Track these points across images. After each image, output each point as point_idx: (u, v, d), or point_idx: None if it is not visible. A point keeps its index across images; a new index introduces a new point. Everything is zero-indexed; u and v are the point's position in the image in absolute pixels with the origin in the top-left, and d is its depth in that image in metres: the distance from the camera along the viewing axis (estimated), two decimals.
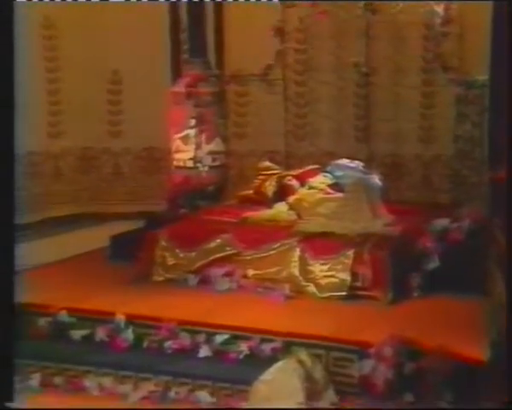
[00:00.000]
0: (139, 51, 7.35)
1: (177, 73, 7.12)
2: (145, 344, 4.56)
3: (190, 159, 6.61)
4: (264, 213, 5.89)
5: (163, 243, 5.53)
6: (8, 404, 3.39)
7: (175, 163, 6.73)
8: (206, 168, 6.62)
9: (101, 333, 4.62)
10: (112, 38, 7.41)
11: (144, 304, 4.86)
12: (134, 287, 5.22)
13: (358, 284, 5.02)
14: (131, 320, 4.61)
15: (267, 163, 6.54)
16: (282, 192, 6.14)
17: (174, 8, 7.26)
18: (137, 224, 6.31)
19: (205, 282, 5.31)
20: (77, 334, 4.68)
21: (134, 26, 7.34)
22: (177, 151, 6.68)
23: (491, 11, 5.51)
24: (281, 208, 5.96)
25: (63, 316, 4.71)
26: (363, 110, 7.08)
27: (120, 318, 4.61)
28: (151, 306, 4.83)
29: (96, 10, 7.32)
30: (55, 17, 7.35)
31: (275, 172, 6.35)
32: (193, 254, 5.46)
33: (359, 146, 7.07)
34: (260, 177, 6.34)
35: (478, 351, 3.88)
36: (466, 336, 4.12)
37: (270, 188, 6.18)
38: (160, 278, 5.44)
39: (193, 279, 5.35)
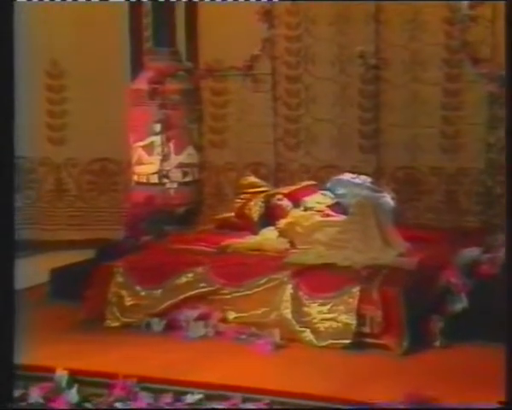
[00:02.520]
0: (88, 37, 7.34)
1: (137, 67, 7.14)
2: (93, 407, 4.50)
3: (155, 173, 6.63)
4: (249, 240, 5.90)
5: (119, 279, 5.52)
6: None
7: (135, 178, 6.75)
8: (174, 185, 6.65)
9: (36, 394, 4.54)
10: (49, 19, 7.37)
11: (94, 356, 4.81)
12: (80, 334, 5.19)
13: (366, 329, 5.01)
14: (76, 377, 4.57)
15: (252, 178, 6.57)
16: (271, 215, 6.16)
17: None
18: (86, 254, 6.29)
19: (173, 327, 5.29)
20: None
21: (80, 5, 7.33)
22: (139, 163, 6.71)
23: None
24: (269, 235, 5.98)
25: None
26: (372, 112, 7.12)
27: (62, 374, 4.57)
28: (103, 358, 4.79)
29: None
30: None
31: (261, 189, 6.38)
32: (158, 292, 5.45)
33: (366, 157, 7.10)
34: (243, 195, 6.37)
35: None
36: (499, 395, 4.10)
37: (255, 209, 6.20)
38: (115, 323, 5.43)
39: (158, 324, 5.34)
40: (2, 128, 3.58)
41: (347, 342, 4.97)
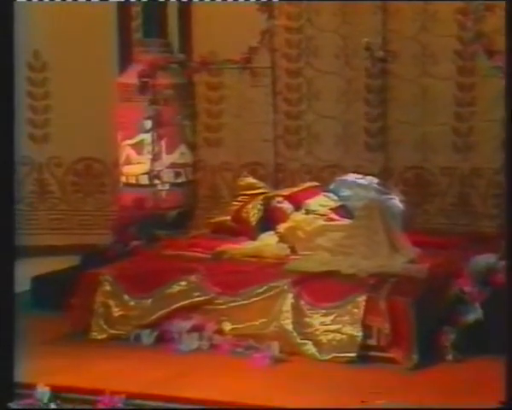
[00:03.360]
0: (72, 26, 7.31)
1: (126, 59, 7.13)
2: None
3: (145, 173, 6.63)
4: (246, 246, 5.90)
5: (106, 287, 5.52)
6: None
7: (124, 179, 6.75)
8: (166, 186, 6.64)
9: None
10: (31, 8, 7.35)
11: (78, 371, 4.81)
12: (64, 347, 5.19)
13: (372, 341, 5.01)
14: (58, 393, 4.56)
15: (250, 179, 6.57)
16: (270, 218, 6.16)
17: None
18: (70, 261, 6.29)
19: (164, 340, 5.29)
20: None
21: None
22: (127, 163, 6.70)
23: None
24: (268, 240, 5.99)
25: None
26: (379, 108, 7.12)
27: (43, 390, 4.56)
28: (88, 373, 4.79)
29: None
30: None
31: (260, 191, 6.38)
32: (148, 301, 5.46)
33: (373, 156, 7.10)
34: (241, 198, 6.37)
35: None
36: None
37: (253, 213, 6.21)
38: (102, 335, 5.43)
39: (148, 336, 5.34)
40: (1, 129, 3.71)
41: (352, 355, 4.97)
